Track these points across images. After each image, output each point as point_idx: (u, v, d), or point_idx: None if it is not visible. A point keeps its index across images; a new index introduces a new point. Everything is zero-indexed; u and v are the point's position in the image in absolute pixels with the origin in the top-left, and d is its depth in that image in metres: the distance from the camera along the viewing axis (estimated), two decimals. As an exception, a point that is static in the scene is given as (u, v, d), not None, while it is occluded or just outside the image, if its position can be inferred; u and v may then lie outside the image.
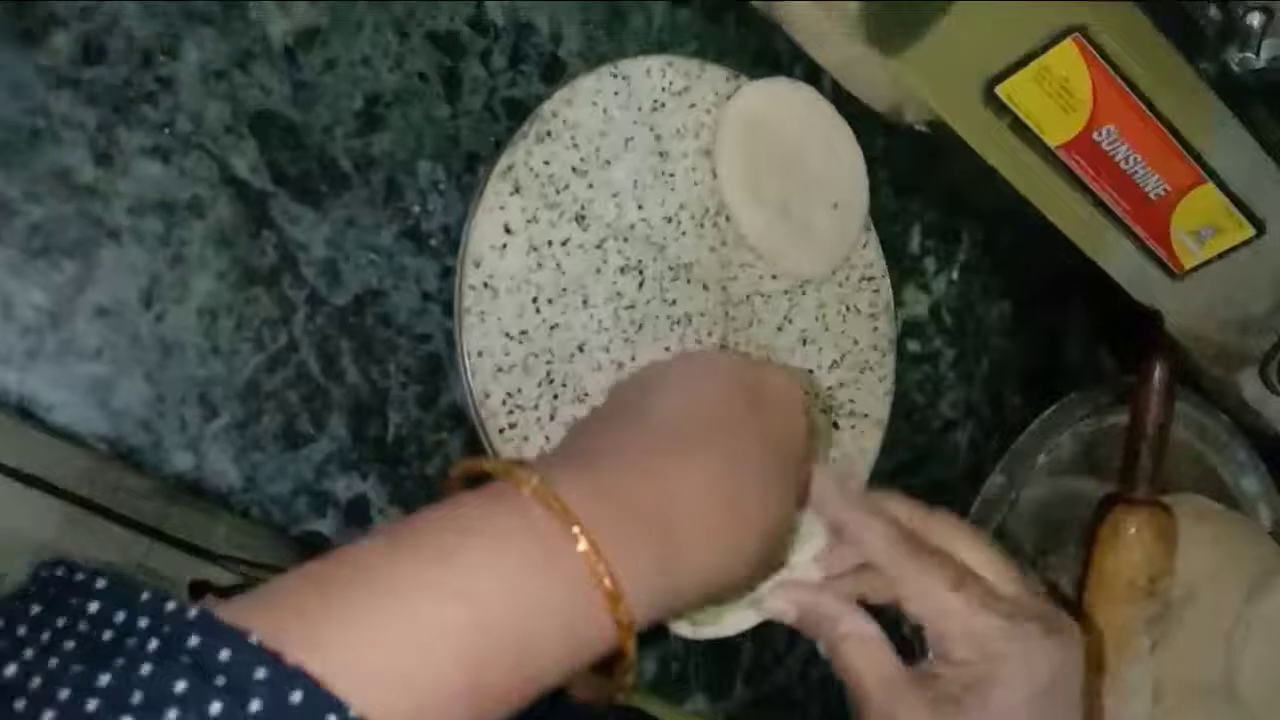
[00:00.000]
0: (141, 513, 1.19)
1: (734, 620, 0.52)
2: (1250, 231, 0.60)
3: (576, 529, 0.35)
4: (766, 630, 0.58)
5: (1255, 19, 0.54)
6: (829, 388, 0.58)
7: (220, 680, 0.27)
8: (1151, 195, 0.59)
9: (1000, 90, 0.54)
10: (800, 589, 0.48)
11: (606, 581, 0.35)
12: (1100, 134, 0.56)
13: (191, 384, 0.44)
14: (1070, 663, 0.46)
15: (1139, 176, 0.58)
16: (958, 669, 0.45)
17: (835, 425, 0.58)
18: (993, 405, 0.69)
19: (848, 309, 0.59)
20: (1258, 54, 0.54)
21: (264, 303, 0.45)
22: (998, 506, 0.65)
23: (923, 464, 0.66)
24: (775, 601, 0.48)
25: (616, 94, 0.52)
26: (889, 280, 0.61)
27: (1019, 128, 0.55)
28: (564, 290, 0.50)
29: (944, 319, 0.67)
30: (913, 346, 0.65)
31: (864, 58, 0.55)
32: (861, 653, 0.46)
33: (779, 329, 0.57)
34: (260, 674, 0.27)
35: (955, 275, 0.68)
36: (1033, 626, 0.45)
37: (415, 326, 0.49)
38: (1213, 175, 0.58)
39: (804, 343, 0.57)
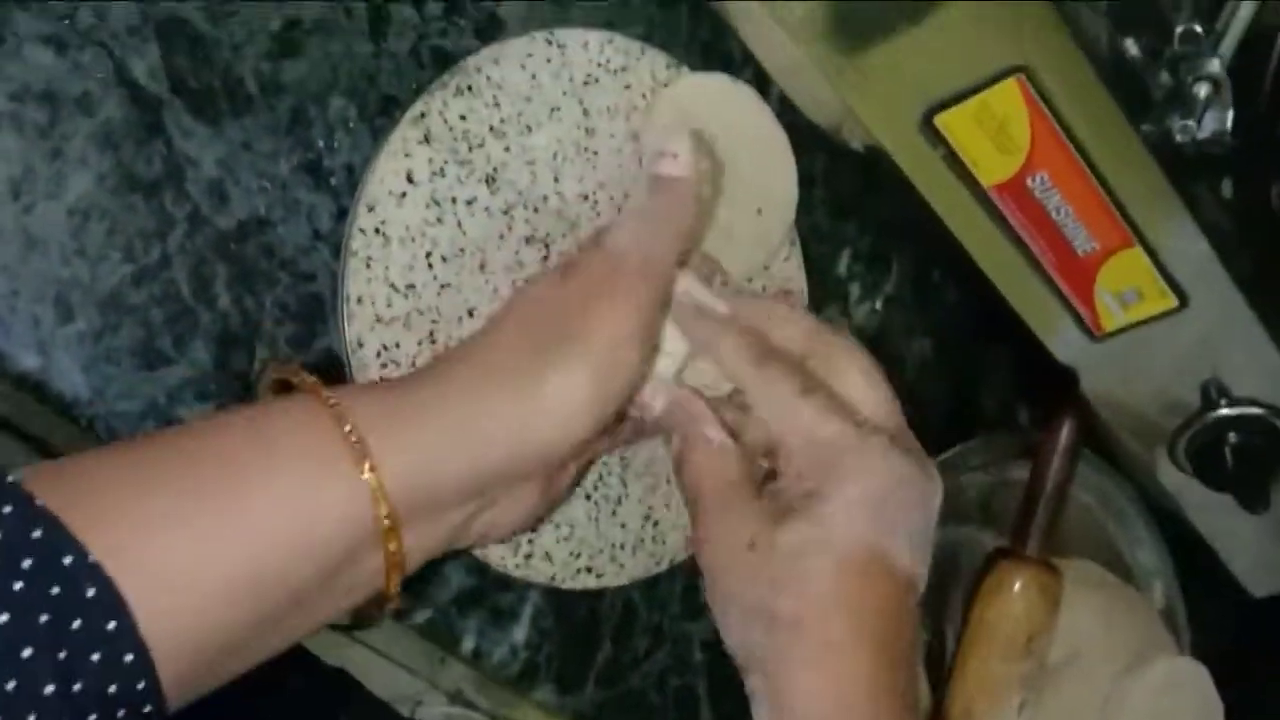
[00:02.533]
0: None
1: None
2: (1173, 302, 0.60)
3: (373, 479, 0.36)
4: (627, 630, 0.57)
5: (1202, 89, 0.53)
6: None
7: None
8: (1079, 250, 0.58)
9: (939, 120, 0.54)
10: (666, 387, 0.46)
11: (383, 509, 0.35)
12: (1034, 180, 0.55)
13: (51, 283, 0.42)
14: (917, 486, 0.43)
15: (1068, 229, 0.57)
16: (797, 481, 0.42)
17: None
18: (899, 441, 0.68)
19: (759, 319, 0.58)
20: (1199, 124, 0.53)
21: (141, 213, 0.44)
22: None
23: (817, 488, 0.65)
24: (643, 393, 0.46)
25: (549, 61, 0.50)
26: (806, 297, 0.60)
27: (953, 161, 0.55)
28: (461, 251, 0.48)
29: (861, 347, 0.66)
30: (824, 369, 0.64)
31: (807, 67, 0.54)
32: (709, 457, 0.44)
33: (683, 327, 0.55)
34: (6, 509, 0.30)
35: (879, 305, 0.67)
36: (879, 439, 0.42)
37: (300, 264, 0.47)
38: (1141, 239, 0.57)
39: (708, 345, 0.56)
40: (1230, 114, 0.53)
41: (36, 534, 0.30)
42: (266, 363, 0.41)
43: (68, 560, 0.30)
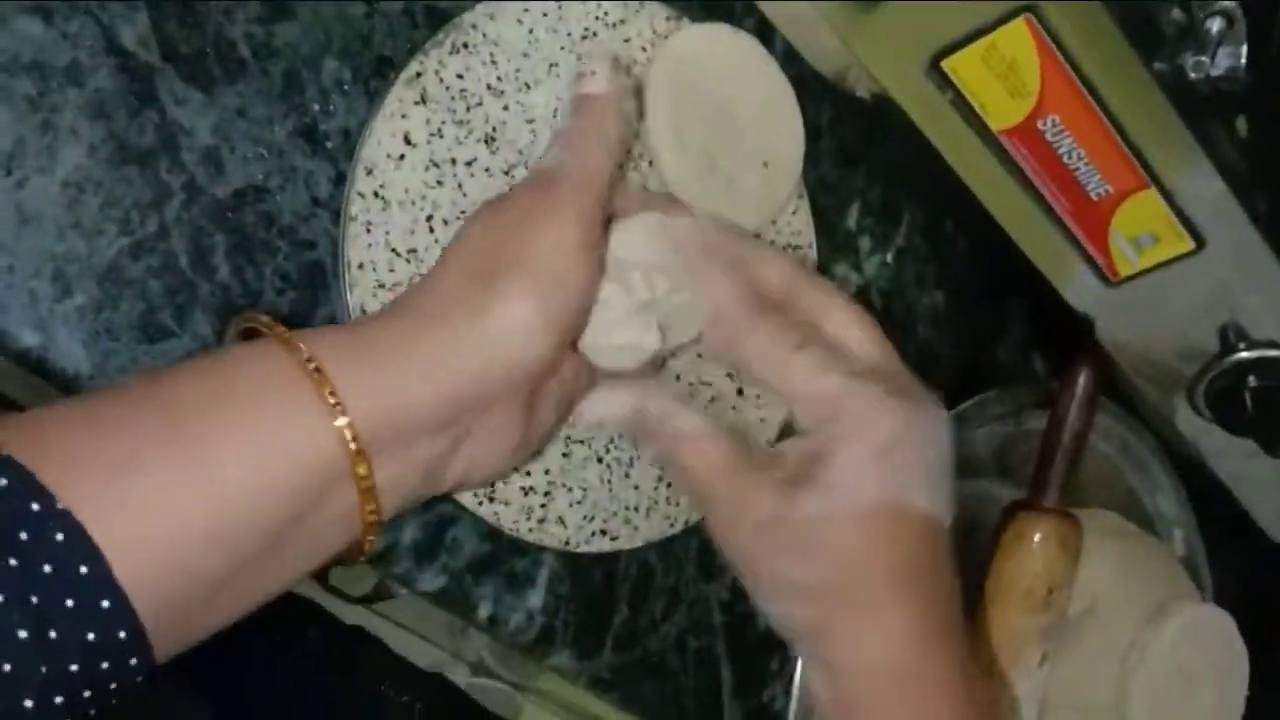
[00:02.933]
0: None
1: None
2: (1190, 245, 0.59)
3: (334, 402, 0.36)
4: (643, 592, 0.56)
5: (1215, 25, 0.52)
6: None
7: None
8: (1092, 194, 0.57)
9: (946, 64, 0.52)
10: (625, 390, 0.45)
11: (348, 434, 0.36)
12: (1045, 123, 0.54)
13: (47, 258, 0.41)
14: (921, 427, 0.42)
15: (1081, 173, 0.56)
16: (801, 441, 0.41)
17: (739, 393, 0.56)
18: (913, 396, 0.68)
19: (768, 275, 0.57)
20: (1213, 61, 0.52)
21: (137, 184, 0.43)
22: (899, 496, 0.64)
23: (831, 445, 0.64)
24: (597, 407, 0.45)
25: (545, 15, 0.49)
26: (815, 251, 0.59)
27: (962, 106, 0.53)
28: (463, 213, 0.47)
29: (872, 301, 0.65)
30: (836, 324, 0.63)
31: (810, 14, 0.53)
32: (697, 450, 0.43)
33: (691, 285, 0.54)
34: None
35: (890, 258, 0.66)
36: (875, 388, 0.41)
37: (299, 231, 0.46)
38: (1156, 181, 0.56)
39: (717, 303, 0.55)
40: (1245, 49, 0.51)
41: (1, 482, 0.30)
42: (235, 318, 0.41)
43: (35, 506, 0.30)
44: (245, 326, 0.41)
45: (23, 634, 0.29)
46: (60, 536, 0.30)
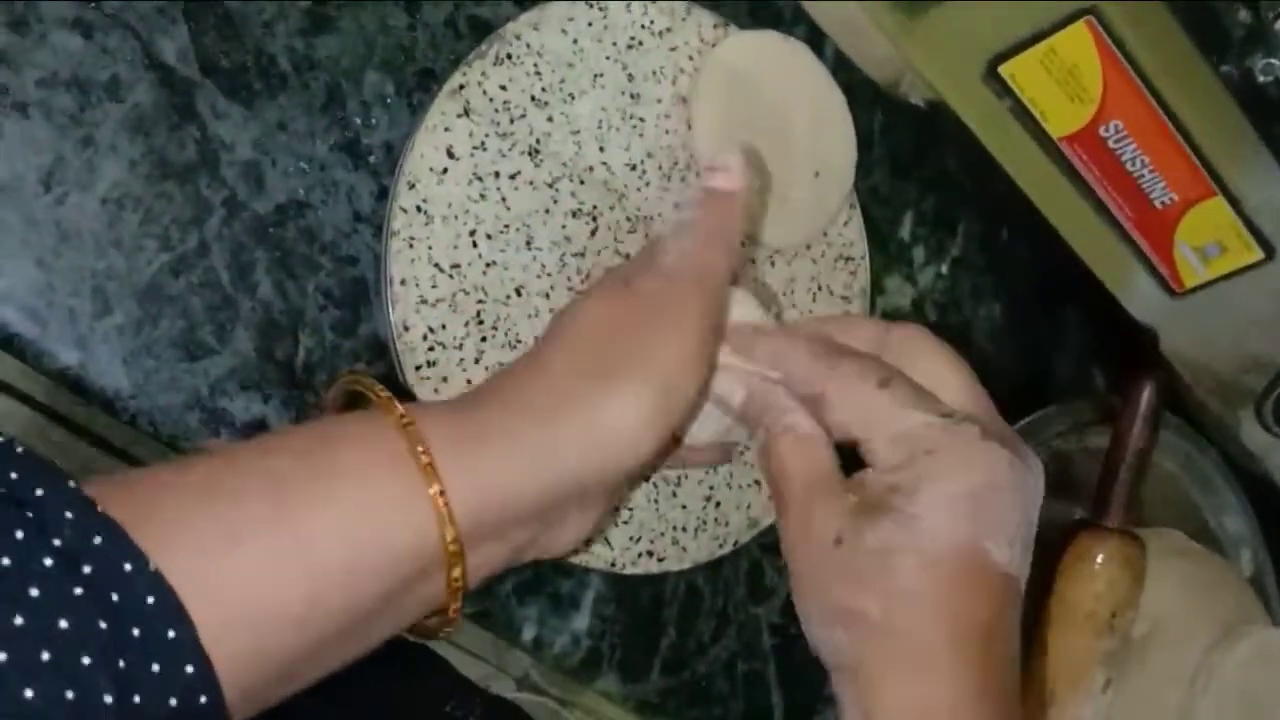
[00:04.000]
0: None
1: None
2: (1259, 255, 0.57)
3: (435, 480, 0.35)
4: (691, 615, 0.55)
5: (1286, 25, 0.50)
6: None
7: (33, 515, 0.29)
8: (1157, 203, 0.55)
9: (1004, 69, 0.51)
10: (750, 373, 0.43)
11: (450, 533, 0.34)
12: (1107, 129, 0.52)
13: (87, 276, 0.41)
14: (1021, 476, 0.39)
15: (1145, 180, 0.54)
16: (886, 474, 0.38)
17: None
18: (969, 411, 0.66)
19: (819, 287, 0.56)
20: (1285, 62, 0.50)
21: (177, 200, 0.42)
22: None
23: (885, 462, 0.62)
24: (721, 383, 0.43)
25: (590, 25, 0.48)
26: (868, 264, 0.58)
27: (1020, 112, 0.52)
28: (506, 227, 0.46)
29: (927, 314, 0.64)
30: (889, 338, 0.62)
31: (862, 20, 0.52)
32: (798, 450, 0.41)
33: (740, 299, 0.53)
34: (69, 515, 0.29)
35: (945, 269, 0.64)
36: (972, 428, 0.38)
37: (342, 247, 0.45)
38: (1224, 188, 0.54)
39: (766, 317, 0.54)
40: (1317, 51, 0.50)
41: (97, 540, 0.29)
42: (340, 374, 0.40)
43: (127, 567, 0.29)
44: (351, 390, 0.40)
45: (108, 699, 0.28)
46: (151, 600, 0.29)
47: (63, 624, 0.27)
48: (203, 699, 0.30)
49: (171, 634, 0.30)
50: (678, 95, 0.51)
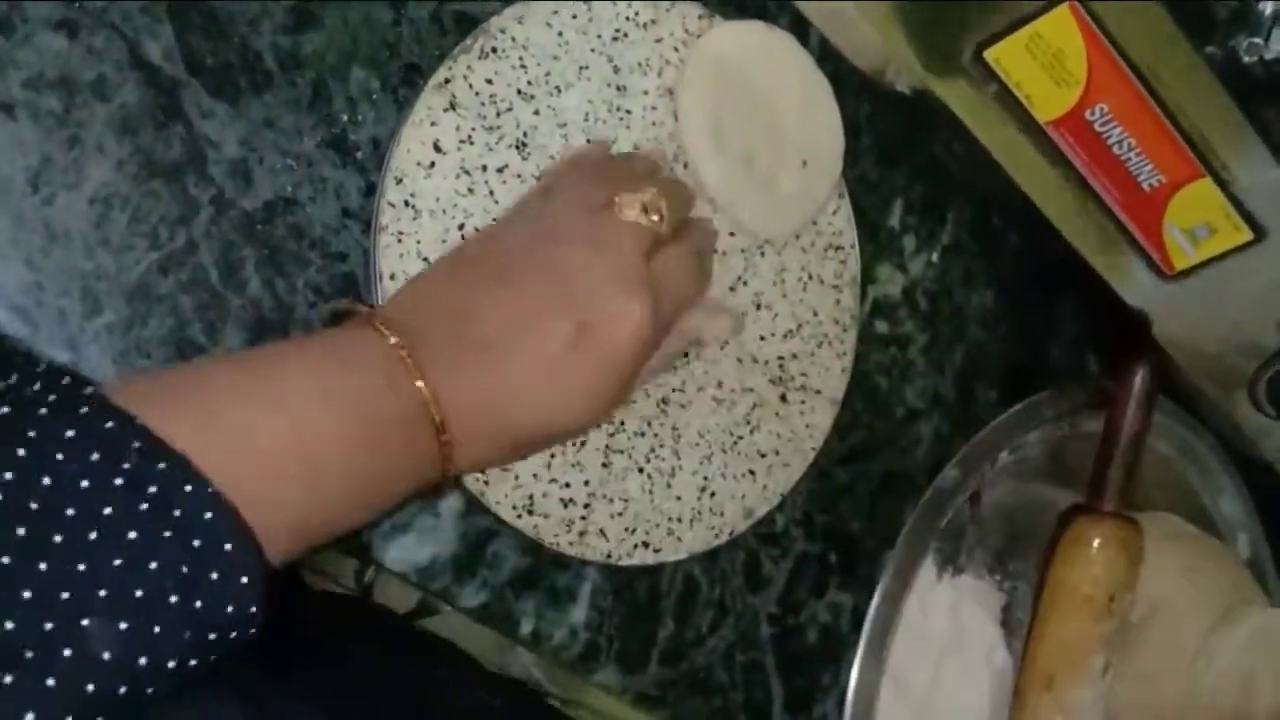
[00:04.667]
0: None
1: None
2: (1248, 235, 0.56)
3: (410, 361, 0.39)
4: (689, 606, 0.55)
5: (1268, 6, 0.50)
6: (779, 358, 0.55)
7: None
8: (1145, 185, 0.55)
9: (989, 55, 0.51)
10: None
11: (434, 414, 0.39)
12: (1093, 112, 0.52)
13: (76, 276, 0.41)
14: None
15: (1132, 164, 0.54)
16: None
17: (783, 398, 0.55)
18: (962, 399, 0.66)
19: (810, 277, 0.56)
20: (1268, 43, 0.50)
21: (164, 199, 0.42)
22: (951, 500, 0.62)
23: (878, 451, 0.62)
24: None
25: (575, 17, 0.48)
26: (858, 252, 0.58)
27: (1006, 97, 0.52)
28: (494, 221, 0.46)
29: (918, 302, 0.64)
30: (881, 327, 0.62)
31: (847, 8, 0.52)
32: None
33: (731, 289, 0.53)
34: (135, 444, 0.33)
35: (935, 257, 0.64)
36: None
37: (331, 243, 0.45)
38: (1211, 170, 0.54)
39: (758, 307, 0.54)
40: (1302, 30, 0.50)
41: (161, 465, 0.32)
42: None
43: (189, 488, 0.33)
44: (337, 312, 0.43)
45: (174, 598, 0.32)
46: (209, 515, 0.33)
47: (132, 535, 0.31)
48: (251, 609, 0.33)
49: (229, 547, 0.33)
50: (664, 87, 0.51)
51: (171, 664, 0.32)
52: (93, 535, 0.31)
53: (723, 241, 0.53)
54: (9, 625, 0.29)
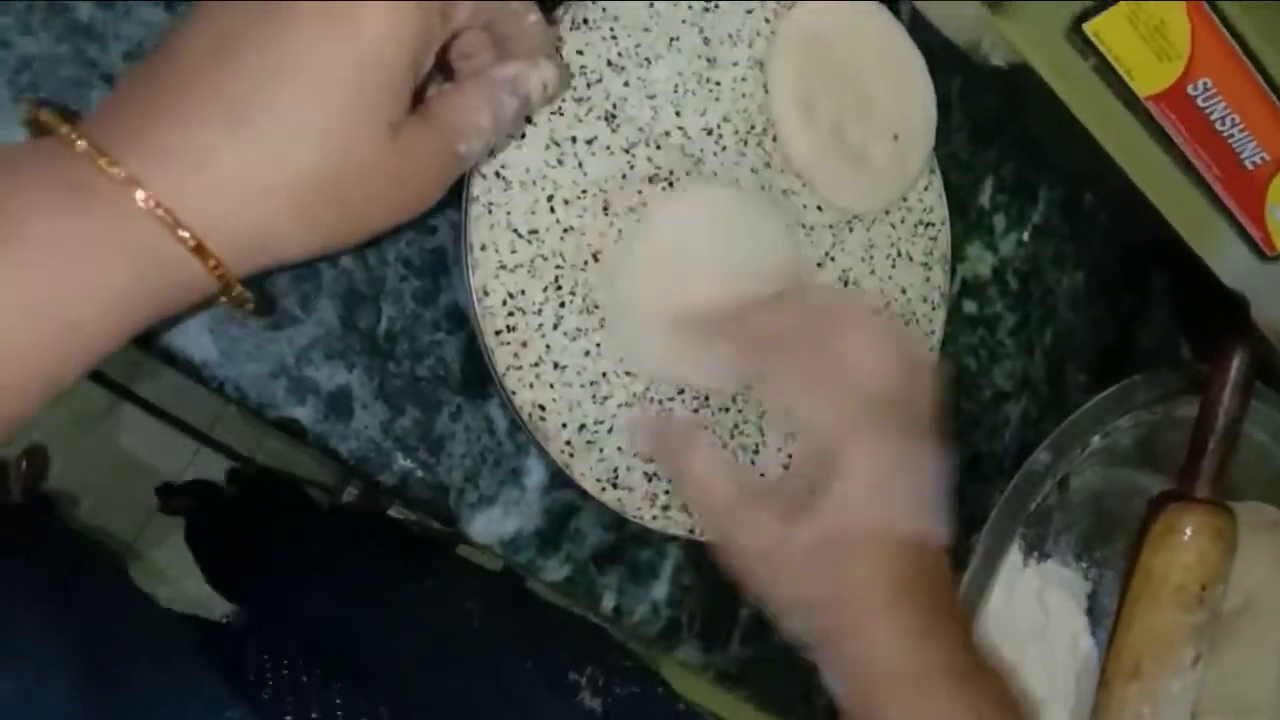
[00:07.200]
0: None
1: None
2: (1356, 216, 0.55)
3: (136, 190, 0.33)
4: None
5: (1387, -26, 0.48)
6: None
7: None
8: (1247, 163, 0.53)
9: (1089, 27, 0.49)
10: (647, 422, 0.48)
11: (184, 234, 0.33)
12: (1196, 87, 0.50)
13: (173, 245, 0.41)
14: (913, 460, 0.45)
15: (1235, 140, 0.52)
16: (802, 470, 0.45)
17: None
18: (1052, 381, 0.65)
19: (899, 254, 0.55)
20: (1386, 12, 0.48)
21: (259, 169, 0.43)
22: (1040, 484, 0.61)
23: (966, 433, 0.61)
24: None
25: (666, -10, 0.48)
26: (949, 230, 0.57)
27: (1106, 71, 0.50)
28: (584, 192, 0.46)
29: (1009, 282, 0.62)
30: (969, 307, 0.61)
31: (943, -21, 0.51)
32: (715, 470, 0.46)
33: (819, 265, 0.53)
34: None
35: (1027, 236, 0.63)
36: (873, 418, 0.45)
37: (422, 217, 0.45)
38: (1320, 147, 0.52)
39: (845, 283, 0.53)
40: None
41: None
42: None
43: None
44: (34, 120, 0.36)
45: None
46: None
47: None
48: None
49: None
50: (754, 58, 0.50)
51: None
52: None
53: (810, 215, 0.52)
54: None
